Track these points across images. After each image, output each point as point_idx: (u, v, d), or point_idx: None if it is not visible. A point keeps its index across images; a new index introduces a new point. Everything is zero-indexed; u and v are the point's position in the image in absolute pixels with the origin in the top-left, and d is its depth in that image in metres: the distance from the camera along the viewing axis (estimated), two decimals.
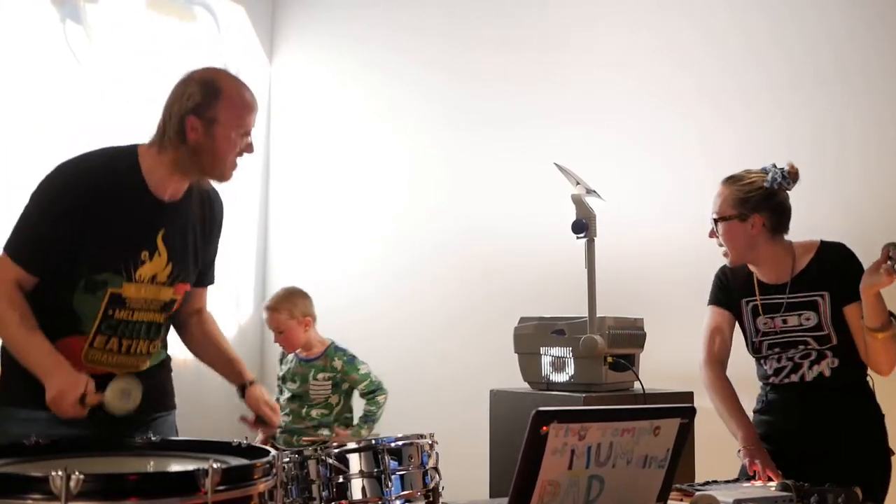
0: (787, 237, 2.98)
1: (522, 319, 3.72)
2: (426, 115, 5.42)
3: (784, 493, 2.34)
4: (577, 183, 3.22)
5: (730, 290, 3.03)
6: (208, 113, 2.39)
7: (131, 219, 2.41)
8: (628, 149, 4.52)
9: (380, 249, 5.56)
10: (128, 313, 2.45)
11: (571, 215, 3.16)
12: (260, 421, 2.66)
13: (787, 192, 2.94)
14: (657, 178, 4.51)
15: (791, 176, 2.90)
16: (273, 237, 6.19)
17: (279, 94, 6.20)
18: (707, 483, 2.55)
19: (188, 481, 1.59)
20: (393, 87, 5.60)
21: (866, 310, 2.78)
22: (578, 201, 3.17)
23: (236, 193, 5.96)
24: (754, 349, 2.99)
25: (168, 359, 2.71)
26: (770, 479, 2.67)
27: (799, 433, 2.88)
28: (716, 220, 2.95)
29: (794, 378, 2.92)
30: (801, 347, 2.90)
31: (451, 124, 5.29)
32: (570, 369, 3.49)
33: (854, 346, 2.89)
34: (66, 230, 2.36)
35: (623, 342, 3.53)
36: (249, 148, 2.47)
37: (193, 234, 2.57)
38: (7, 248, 2.38)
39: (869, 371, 2.93)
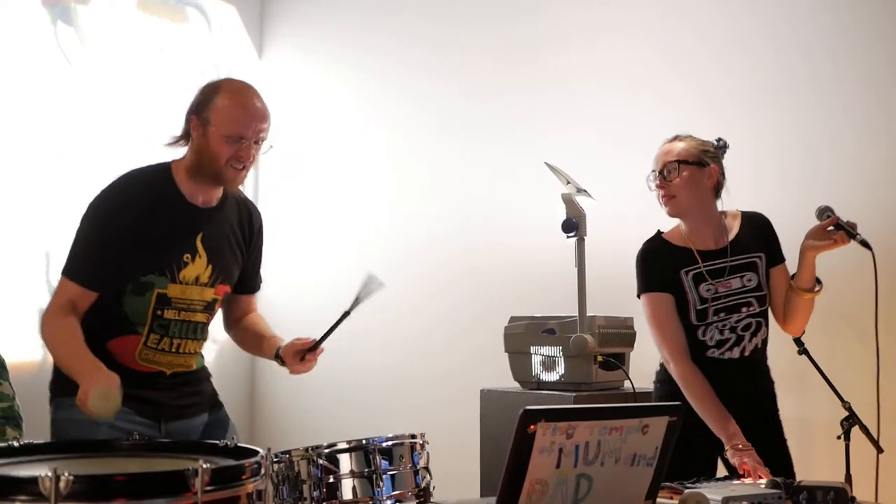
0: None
1: (513, 319, 3.73)
2: (415, 114, 5.41)
3: (773, 491, 2.34)
4: (568, 182, 3.22)
5: (663, 269, 3.01)
6: (204, 113, 2.53)
7: (171, 225, 2.58)
8: (618, 148, 4.52)
9: (369, 248, 5.55)
10: (175, 313, 2.61)
11: (562, 214, 3.16)
12: (304, 355, 2.73)
13: None
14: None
15: (726, 147, 3.11)
16: None
17: (268, 94, 6.17)
18: (697, 481, 2.55)
19: (178, 481, 1.59)
20: (381, 87, 5.59)
21: (803, 271, 2.91)
22: (569, 200, 3.18)
23: None
24: (699, 317, 2.97)
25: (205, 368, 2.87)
26: (760, 477, 2.68)
27: (737, 412, 2.91)
28: (678, 163, 2.99)
29: (735, 353, 2.98)
30: (745, 310, 2.97)
31: (441, 123, 5.29)
32: (561, 368, 3.50)
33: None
34: (117, 246, 2.52)
35: (613, 341, 3.54)
36: (240, 156, 2.53)
37: (232, 239, 2.73)
38: (66, 270, 2.56)
39: None
